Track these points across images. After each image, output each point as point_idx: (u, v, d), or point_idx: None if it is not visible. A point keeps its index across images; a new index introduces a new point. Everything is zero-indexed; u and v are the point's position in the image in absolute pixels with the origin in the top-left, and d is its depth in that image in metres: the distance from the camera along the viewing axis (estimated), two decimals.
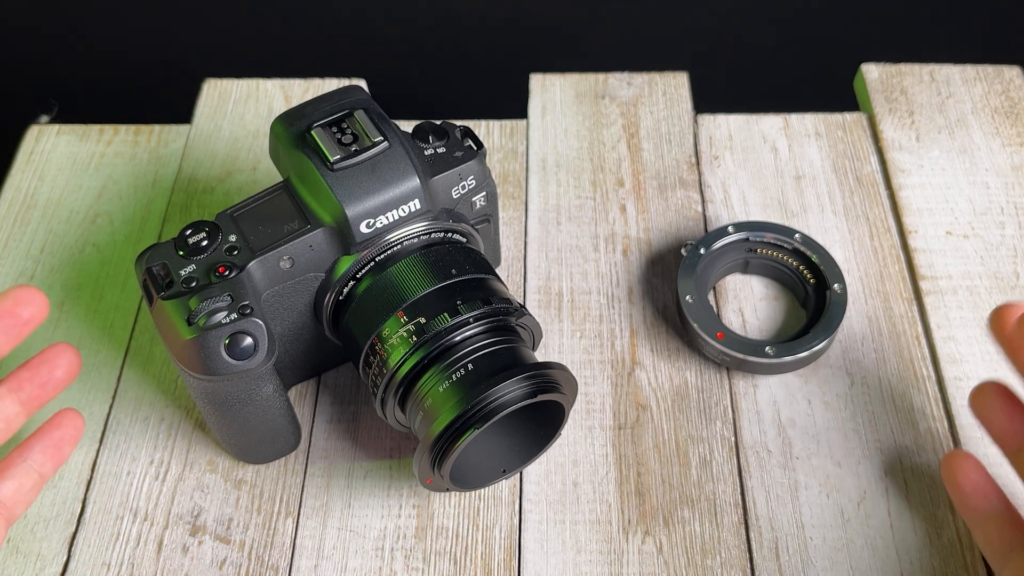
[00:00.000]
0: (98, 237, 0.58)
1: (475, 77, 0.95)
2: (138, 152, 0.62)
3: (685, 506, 0.47)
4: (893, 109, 0.63)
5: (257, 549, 0.46)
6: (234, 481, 0.48)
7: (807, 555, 0.45)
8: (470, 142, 0.46)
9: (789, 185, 0.59)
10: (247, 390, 0.43)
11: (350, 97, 0.45)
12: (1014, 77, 0.64)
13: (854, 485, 0.47)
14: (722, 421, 0.49)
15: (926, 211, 0.57)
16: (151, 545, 0.46)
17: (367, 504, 0.47)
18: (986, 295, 0.54)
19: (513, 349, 0.42)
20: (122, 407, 0.51)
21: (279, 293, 0.43)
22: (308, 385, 0.51)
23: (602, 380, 0.51)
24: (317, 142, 0.43)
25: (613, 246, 0.57)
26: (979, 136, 0.61)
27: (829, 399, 0.50)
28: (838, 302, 0.51)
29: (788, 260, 0.53)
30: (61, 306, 0.54)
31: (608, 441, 0.49)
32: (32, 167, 0.61)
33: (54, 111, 0.65)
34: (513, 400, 0.40)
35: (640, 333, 0.53)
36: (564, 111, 0.63)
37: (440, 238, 0.45)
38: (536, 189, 0.59)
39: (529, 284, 0.55)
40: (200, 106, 0.64)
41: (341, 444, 0.49)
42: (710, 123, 0.63)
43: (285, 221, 0.43)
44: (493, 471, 0.44)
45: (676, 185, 0.59)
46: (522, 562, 0.45)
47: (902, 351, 0.52)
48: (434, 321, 0.41)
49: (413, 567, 0.45)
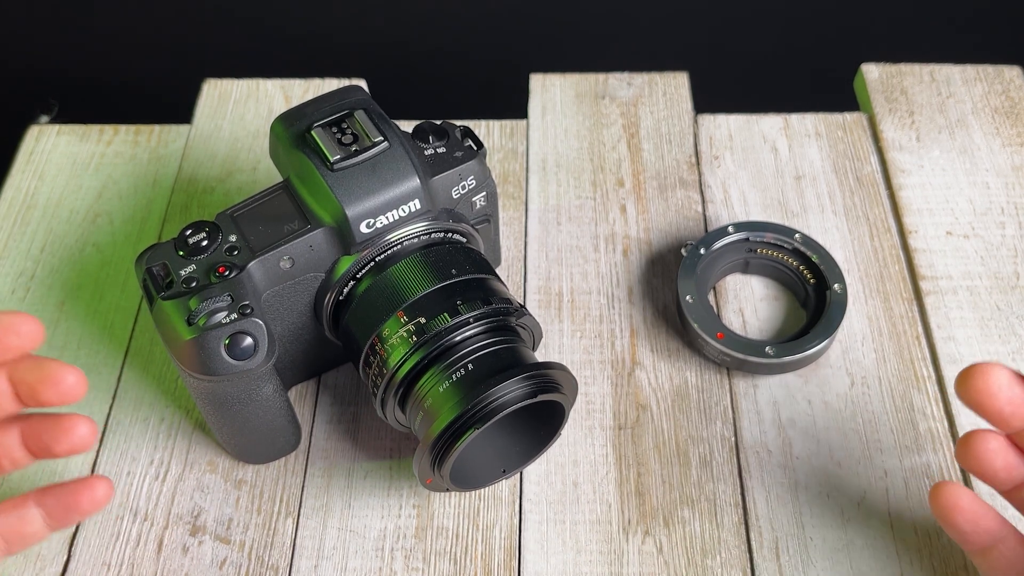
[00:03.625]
0: (98, 237, 0.58)
1: (475, 77, 0.95)
2: (138, 152, 0.62)
3: (685, 506, 0.47)
4: (893, 109, 0.63)
5: (257, 549, 0.46)
6: (234, 481, 0.48)
7: (807, 555, 0.45)
8: (470, 142, 0.46)
9: (789, 185, 0.59)
10: (247, 390, 0.43)
11: (350, 97, 0.45)
12: (1014, 77, 0.64)
13: (854, 485, 0.47)
14: (722, 421, 0.49)
15: (926, 211, 0.57)
16: (151, 545, 0.46)
17: (367, 504, 0.47)
18: (986, 295, 0.54)
19: (513, 349, 0.42)
20: (122, 407, 0.51)
21: (279, 293, 0.43)
22: (308, 385, 0.51)
23: (602, 380, 0.51)
24: (317, 142, 0.43)
25: (613, 246, 0.57)
26: (979, 136, 0.61)
27: (829, 399, 0.50)
28: (838, 302, 0.51)
29: (788, 260, 0.53)
30: (61, 306, 0.54)
31: (608, 441, 0.49)
32: (32, 167, 0.61)
33: (54, 111, 0.65)
34: (513, 400, 0.40)
35: (640, 333, 0.53)
36: (564, 111, 0.63)
37: (440, 238, 0.45)
38: (536, 189, 0.59)
39: (529, 284, 0.55)
40: (200, 106, 0.64)
41: (341, 444, 0.49)
42: (710, 123, 0.63)
43: (285, 221, 0.43)
44: (493, 471, 0.44)
45: (676, 185, 0.59)
46: (522, 562, 0.45)
47: (902, 351, 0.52)
48: (434, 321, 0.41)
49: (413, 567, 0.45)
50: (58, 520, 0.40)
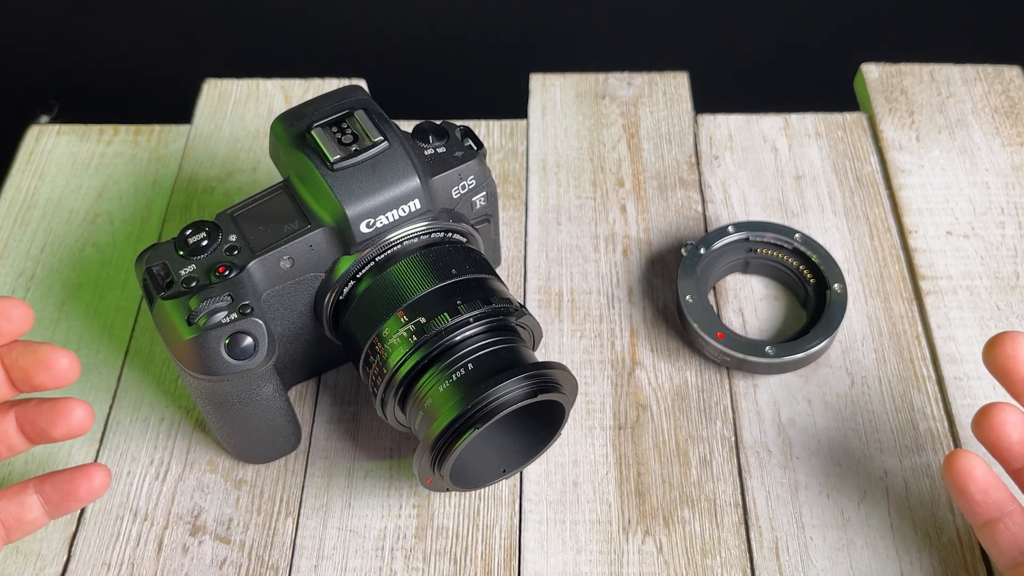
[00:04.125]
0: (98, 237, 0.58)
1: (475, 77, 0.95)
2: (138, 152, 0.62)
3: (685, 506, 0.47)
4: (893, 109, 0.63)
5: (257, 549, 0.46)
6: (234, 481, 0.48)
7: (807, 555, 0.45)
8: (470, 142, 0.46)
9: (789, 185, 0.59)
10: (247, 390, 0.43)
11: (350, 97, 0.45)
12: (1014, 77, 0.64)
13: (854, 485, 0.47)
14: (722, 421, 0.49)
15: (926, 211, 0.57)
16: (151, 545, 0.46)
17: (367, 504, 0.47)
18: (986, 295, 0.54)
19: (513, 349, 0.42)
20: (122, 407, 0.51)
21: (279, 293, 0.43)
22: (308, 385, 0.51)
23: (602, 380, 0.51)
24: (317, 142, 0.43)
25: (613, 246, 0.57)
26: (979, 136, 0.61)
27: (829, 399, 0.50)
28: (838, 302, 0.51)
29: (788, 260, 0.53)
30: (61, 306, 0.54)
31: (608, 441, 0.49)
32: (32, 167, 0.61)
33: (54, 111, 0.65)
34: (513, 400, 0.40)
35: (640, 333, 0.53)
36: (564, 111, 0.63)
37: (440, 238, 0.45)
38: (536, 189, 0.59)
39: (529, 284, 0.55)
40: (200, 106, 0.64)
41: (341, 444, 0.49)
42: (710, 123, 0.63)
43: (285, 221, 0.43)
44: (493, 471, 0.44)
45: (676, 185, 0.59)
46: (522, 562, 0.45)
47: (902, 351, 0.52)
48: (434, 321, 0.41)
49: (413, 567, 0.45)
50: (56, 507, 0.40)
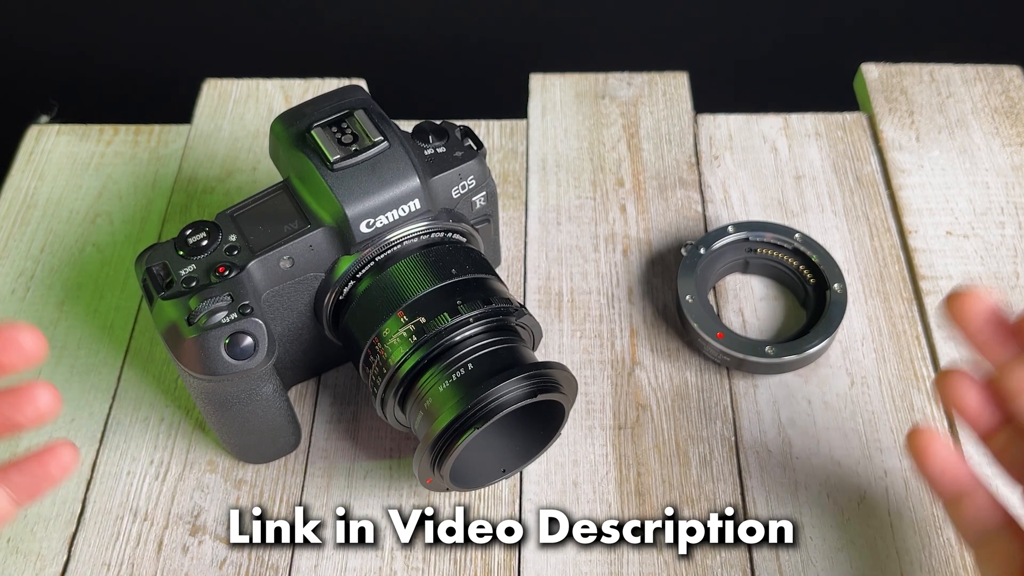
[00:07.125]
0: (98, 237, 0.58)
1: (475, 77, 0.95)
2: (138, 152, 0.62)
3: (685, 506, 0.47)
4: (893, 109, 0.63)
5: (257, 549, 0.46)
6: (234, 481, 0.48)
7: (807, 555, 0.45)
8: (470, 142, 0.46)
9: (789, 185, 0.59)
10: (247, 390, 0.43)
11: (350, 97, 0.45)
12: (1014, 77, 0.64)
13: (854, 485, 0.47)
14: (722, 421, 0.49)
15: (926, 211, 0.57)
16: (151, 545, 0.46)
17: (367, 504, 0.47)
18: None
19: (513, 349, 0.42)
20: (122, 407, 0.51)
21: (279, 293, 0.43)
22: (308, 385, 0.51)
23: (602, 380, 0.51)
24: (317, 142, 0.43)
25: (613, 246, 0.57)
26: (979, 136, 0.61)
27: (829, 399, 0.50)
28: (838, 302, 0.51)
29: (788, 260, 0.53)
30: (61, 306, 0.54)
31: (608, 441, 0.49)
32: (32, 167, 0.61)
33: (54, 111, 0.65)
34: (513, 400, 0.40)
35: (640, 333, 0.53)
36: (564, 111, 0.63)
37: (440, 238, 0.45)
38: (536, 189, 0.59)
39: (529, 284, 0.55)
40: (200, 106, 0.64)
41: (341, 444, 0.49)
42: (710, 123, 0.63)
43: (285, 221, 0.43)
44: (493, 471, 0.44)
45: (676, 185, 0.59)
46: (522, 562, 0.45)
47: (902, 351, 0.52)
48: (434, 321, 0.41)
49: (413, 567, 0.45)
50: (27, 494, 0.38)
